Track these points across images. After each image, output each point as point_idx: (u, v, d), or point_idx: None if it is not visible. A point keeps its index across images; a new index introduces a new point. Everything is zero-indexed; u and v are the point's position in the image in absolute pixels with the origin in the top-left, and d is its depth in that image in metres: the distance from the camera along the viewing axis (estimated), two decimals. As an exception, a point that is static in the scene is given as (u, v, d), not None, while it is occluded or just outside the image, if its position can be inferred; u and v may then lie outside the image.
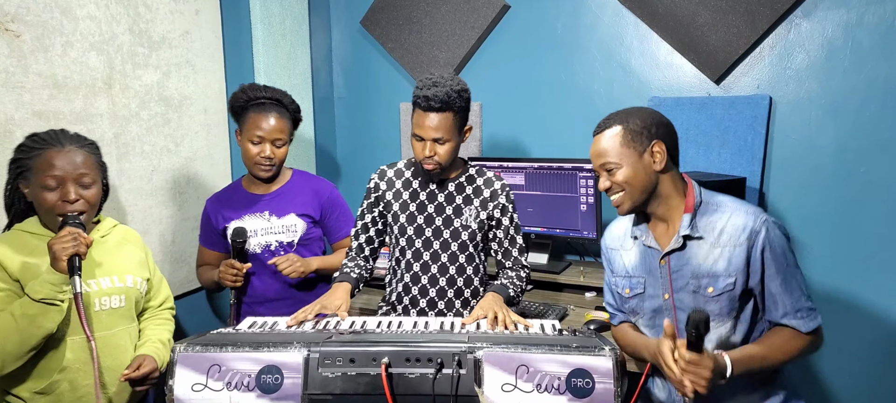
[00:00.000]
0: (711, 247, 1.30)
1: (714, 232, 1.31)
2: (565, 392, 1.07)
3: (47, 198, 1.36)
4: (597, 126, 1.39)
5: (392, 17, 2.70)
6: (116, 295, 1.48)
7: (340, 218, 2.02)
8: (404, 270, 1.70)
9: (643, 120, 1.33)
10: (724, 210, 1.32)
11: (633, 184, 1.32)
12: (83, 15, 1.80)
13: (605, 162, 1.34)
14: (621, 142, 1.33)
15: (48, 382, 1.38)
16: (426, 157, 1.57)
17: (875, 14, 1.95)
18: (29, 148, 1.38)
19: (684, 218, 1.33)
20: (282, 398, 1.10)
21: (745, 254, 1.27)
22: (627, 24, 2.32)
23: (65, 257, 1.27)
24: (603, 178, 1.36)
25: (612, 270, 1.51)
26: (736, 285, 1.28)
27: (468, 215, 1.67)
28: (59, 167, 1.36)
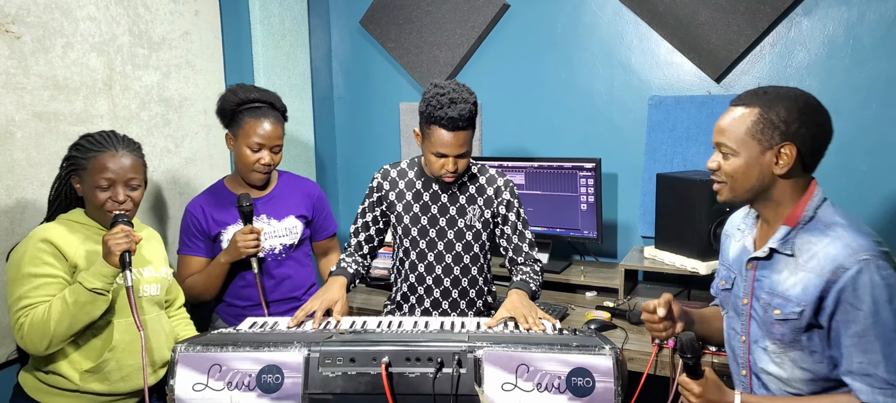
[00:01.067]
0: (795, 268, 1.15)
1: (806, 254, 1.14)
2: (565, 391, 1.07)
3: (99, 197, 1.47)
4: (738, 96, 1.21)
5: (392, 17, 2.70)
6: (155, 284, 1.60)
7: (327, 218, 2.02)
8: (408, 271, 1.70)
9: (788, 112, 1.13)
10: (830, 235, 1.12)
11: (738, 180, 1.18)
12: (83, 16, 1.80)
13: (721, 142, 1.19)
14: (748, 130, 1.15)
15: (98, 361, 1.47)
16: (450, 173, 1.57)
17: (876, 12, 1.95)
18: (86, 148, 1.49)
19: (780, 230, 1.18)
20: (282, 397, 1.10)
21: (820, 289, 1.10)
22: (627, 23, 2.32)
23: (119, 252, 1.37)
24: (714, 155, 1.22)
25: (721, 256, 1.41)
26: (802, 316, 1.12)
27: (472, 215, 1.66)
28: (111, 170, 1.47)
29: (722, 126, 1.20)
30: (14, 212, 1.68)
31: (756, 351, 1.25)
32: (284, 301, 1.92)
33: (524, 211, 1.74)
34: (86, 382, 1.47)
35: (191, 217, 1.86)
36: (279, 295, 1.91)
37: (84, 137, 1.52)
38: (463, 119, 1.48)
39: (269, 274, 1.89)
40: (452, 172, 1.56)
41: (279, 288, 1.91)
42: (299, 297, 1.94)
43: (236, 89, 1.82)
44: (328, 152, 2.96)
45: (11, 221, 1.68)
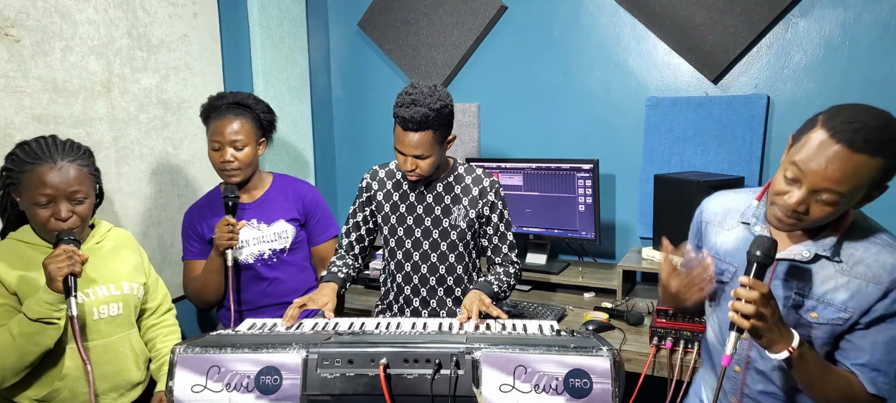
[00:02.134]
0: (838, 273, 1.11)
1: (851, 260, 1.11)
2: (563, 392, 1.07)
3: (40, 215, 1.34)
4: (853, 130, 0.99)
5: (389, 19, 2.70)
6: (114, 303, 1.49)
7: (322, 221, 2.00)
8: (396, 270, 1.72)
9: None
10: (876, 241, 1.10)
11: (829, 217, 1.06)
12: (82, 19, 1.81)
13: (830, 189, 1.01)
14: (867, 182, 1.01)
15: (49, 390, 1.40)
16: (408, 170, 1.57)
17: (872, 13, 1.96)
18: (21, 161, 1.34)
19: (829, 240, 1.12)
20: (281, 399, 1.10)
21: (875, 297, 1.07)
22: (625, 25, 2.33)
23: (60, 277, 1.25)
24: (802, 194, 1.04)
25: (701, 244, 1.34)
26: (846, 323, 1.10)
27: (457, 215, 1.67)
28: (50, 185, 1.33)
29: (840, 177, 1.00)
30: (13, 215, 1.68)
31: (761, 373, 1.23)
32: (277, 306, 1.91)
33: (519, 215, 1.74)
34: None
35: (187, 222, 1.89)
36: (271, 299, 1.91)
37: (20, 146, 1.37)
38: (415, 121, 1.47)
39: (259, 278, 1.88)
40: (411, 171, 1.56)
41: (270, 292, 1.90)
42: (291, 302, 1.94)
43: (211, 97, 1.85)
44: (326, 154, 2.97)
45: (10, 224, 1.68)
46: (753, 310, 1.03)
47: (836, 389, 1.11)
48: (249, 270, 1.88)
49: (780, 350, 1.06)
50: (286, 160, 2.61)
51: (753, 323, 1.03)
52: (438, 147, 1.56)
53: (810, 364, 1.09)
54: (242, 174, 1.81)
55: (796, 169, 1.05)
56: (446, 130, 1.58)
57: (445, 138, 1.59)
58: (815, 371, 1.10)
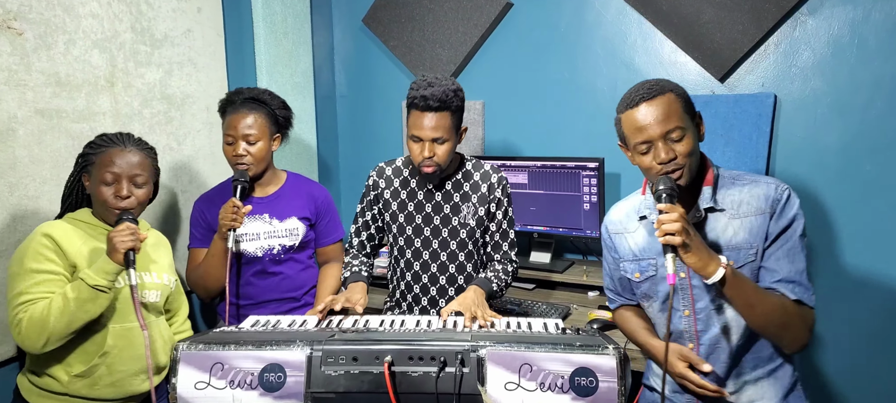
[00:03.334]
0: (730, 219, 1.28)
1: (734, 205, 1.29)
2: (569, 390, 1.06)
3: (104, 192, 1.47)
4: (639, 92, 1.27)
5: (394, 15, 2.69)
6: (155, 290, 1.58)
7: (331, 223, 2.01)
8: (405, 269, 1.70)
9: (682, 89, 1.29)
10: (743, 182, 1.30)
11: (692, 158, 1.25)
12: (85, 13, 1.80)
13: (670, 127, 1.23)
14: (683, 108, 1.25)
15: (88, 366, 1.46)
16: (425, 159, 1.55)
17: (882, 11, 1.94)
18: (97, 145, 1.50)
19: (705, 191, 1.30)
20: (285, 396, 1.09)
21: (765, 223, 1.25)
22: (631, 22, 2.31)
23: (123, 249, 1.37)
24: (660, 146, 1.24)
25: (617, 255, 1.47)
26: (757, 255, 1.26)
27: (466, 213, 1.66)
28: (117, 164, 1.47)
29: (664, 116, 1.23)
30: (16, 209, 1.68)
31: (709, 318, 1.32)
32: (281, 301, 1.92)
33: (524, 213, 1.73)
34: (74, 386, 1.45)
35: (197, 210, 1.92)
36: (275, 294, 1.91)
37: (100, 136, 1.53)
38: (435, 98, 1.49)
39: (265, 272, 1.89)
40: (429, 158, 1.54)
41: (274, 287, 1.91)
42: (298, 298, 1.94)
43: (228, 93, 1.88)
44: (330, 151, 2.96)
45: (13, 218, 1.68)
46: (679, 226, 1.14)
47: (771, 304, 1.21)
48: (257, 263, 1.88)
49: (714, 270, 1.17)
50: (290, 156, 2.60)
51: (682, 238, 1.14)
52: (454, 133, 1.57)
53: (742, 280, 1.21)
54: (255, 168, 1.82)
55: (641, 140, 1.26)
56: (460, 117, 1.59)
57: (459, 126, 1.60)
58: (748, 289, 1.21)
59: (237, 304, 1.92)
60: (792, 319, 1.23)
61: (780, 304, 1.22)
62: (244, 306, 1.91)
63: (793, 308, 1.23)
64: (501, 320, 1.40)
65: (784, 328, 1.23)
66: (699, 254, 1.17)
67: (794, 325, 1.23)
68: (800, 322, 1.24)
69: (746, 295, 1.20)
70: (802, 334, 1.25)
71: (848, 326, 2.08)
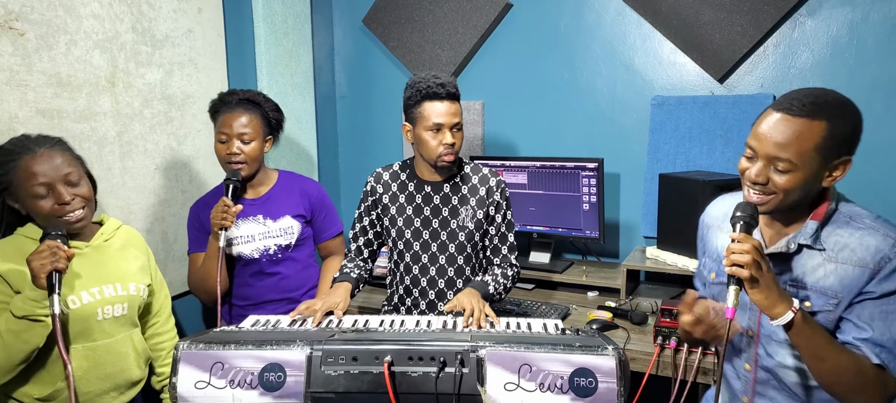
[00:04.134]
0: (826, 260, 1.14)
1: (836, 248, 1.14)
2: (568, 391, 1.06)
3: (42, 206, 1.33)
4: (792, 100, 1.09)
5: (394, 16, 2.70)
6: (119, 304, 1.48)
7: (328, 218, 2.01)
8: (404, 273, 1.70)
9: (853, 127, 1.10)
10: (858, 226, 1.14)
11: (792, 194, 1.10)
12: (87, 13, 1.80)
13: (781, 156, 1.08)
14: (817, 147, 1.07)
15: (52, 389, 1.39)
16: (448, 147, 1.59)
17: (880, 12, 1.95)
18: (2, 163, 1.33)
19: (809, 224, 1.15)
20: (285, 396, 1.10)
21: (864, 279, 1.10)
22: (630, 23, 2.31)
23: (43, 274, 1.22)
24: (759, 166, 1.11)
25: (704, 247, 1.38)
26: (837, 307, 1.13)
27: (465, 216, 1.66)
28: (41, 173, 1.32)
29: (783, 140, 1.07)
30: (17, 209, 1.68)
31: (769, 345, 1.22)
32: (280, 301, 1.92)
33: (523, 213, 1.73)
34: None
35: (193, 215, 1.91)
36: (275, 295, 1.91)
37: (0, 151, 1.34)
38: (452, 85, 1.58)
39: (263, 273, 1.89)
40: (450, 146, 1.58)
41: (273, 288, 1.91)
42: (296, 298, 1.94)
43: (221, 93, 1.88)
44: (330, 151, 2.96)
45: (14, 218, 1.68)
46: (748, 259, 1.05)
47: (843, 361, 1.09)
48: (254, 265, 1.88)
49: (781, 312, 1.07)
50: (289, 157, 2.60)
51: (751, 271, 1.05)
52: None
53: (815, 329, 1.09)
54: (248, 168, 1.82)
55: (750, 143, 1.13)
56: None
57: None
58: (820, 340, 1.09)
59: (235, 305, 1.92)
60: (866, 383, 1.09)
61: (856, 364, 1.09)
62: (243, 307, 1.91)
63: (871, 372, 1.09)
64: (499, 321, 1.40)
65: (854, 390, 1.10)
66: (767, 293, 1.07)
67: (868, 390, 1.10)
68: (878, 388, 1.10)
69: (815, 346, 1.09)
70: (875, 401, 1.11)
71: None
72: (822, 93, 1.11)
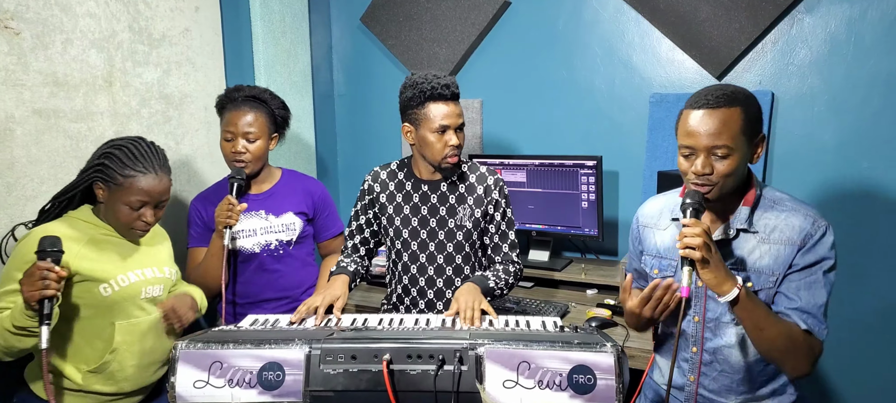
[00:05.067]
0: (760, 243, 1.27)
1: (766, 229, 1.27)
2: (567, 388, 1.06)
3: (127, 215, 1.45)
4: (706, 97, 1.23)
5: (392, 14, 2.69)
6: (158, 285, 1.58)
7: (329, 217, 2.02)
8: (402, 272, 1.70)
9: (757, 107, 1.24)
10: (782, 209, 1.27)
11: (731, 178, 1.23)
12: (83, 12, 1.80)
13: (717, 144, 1.20)
14: (742, 128, 1.20)
15: (100, 362, 1.47)
16: (453, 148, 1.58)
17: (878, 9, 1.94)
18: (122, 163, 1.42)
19: (741, 211, 1.29)
20: (284, 394, 1.10)
21: (793, 254, 1.23)
22: (628, 20, 2.31)
23: (34, 300, 1.24)
24: (702, 160, 1.22)
25: (642, 247, 1.47)
26: (776, 283, 1.25)
27: (462, 214, 1.65)
28: (150, 193, 1.45)
29: (715, 130, 1.20)
30: (14, 209, 1.68)
31: (718, 328, 1.32)
32: (279, 299, 1.92)
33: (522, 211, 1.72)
34: (89, 382, 1.47)
35: (194, 210, 1.92)
36: (273, 292, 1.91)
37: (117, 147, 1.45)
38: (455, 85, 1.58)
39: (263, 269, 1.89)
40: (456, 147, 1.58)
41: (272, 285, 1.91)
42: (297, 297, 1.94)
43: (228, 89, 1.88)
44: (329, 150, 2.96)
45: (11, 218, 1.67)
46: (700, 242, 1.15)
47: (779, 330, 1.21)
48: (255, 260, 1.88)
49: (728, 289, 1.17)
50: (288, 155, 2.60)
51: (702, 253, 1.15)
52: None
53: (756, 303, 1.21)
54: (252, 166, 1.83)
55: (686, 143, 1.24)
56: None
57: None
58: (760, 312, 1.20)
59: (235, 302, 1.92)
60: (797, 347, 1.22)
61: (788, 331, 1.21)
62: (242, 304, 1.91)
63: (801, 337, 1.21)
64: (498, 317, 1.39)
65: (787, 354, 1.22)
66: (716, 272, 1.17)
67: (799, 354, 1.22)
68: (805, 351, 1.22)
69: (756, 317, 1.20)
70: (804, 363, 1.23)
71: (844, 324, 2.09)
72: (725, 85, 1.26)
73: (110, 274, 1.46)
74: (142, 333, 1.52)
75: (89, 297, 1.44)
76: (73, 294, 1.43)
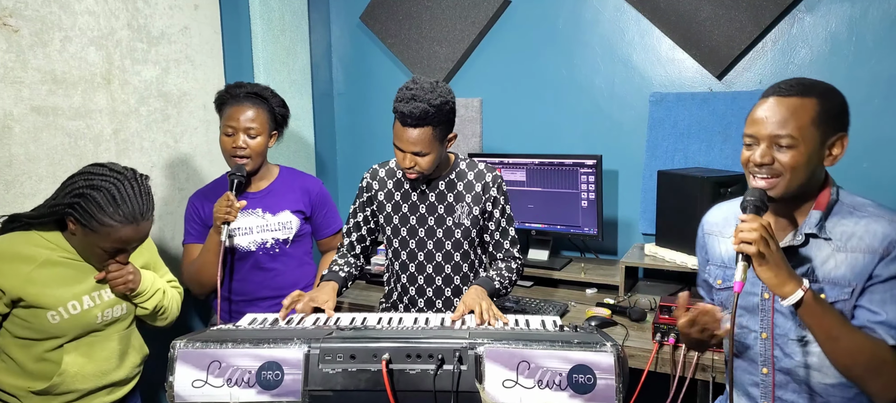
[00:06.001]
0: (835, 251, 1.15)
1: (843, 237, 1.15)
2: (567, 388, 1.06)
3: (98, 255, 1.40)
4: (781, 85, 1.15)
5: (392, 13, 2.68)
6: (119, 305, 1.52)
7: (329, 215, 2.01)
8: (400, 270, 1.70)
9: (842, 103, 1.15)
10: (862, 214, 1.16)
11: (798, 172, 1.12)
12: (82, 10, 1.79)
13: (781, 133, 1.11)
14: (813, 120, 1.11)
15: (48, 384, 1.42)
16: (407, 168, 1.55)
17: (879, 8, 1.94)
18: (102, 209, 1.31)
19: (812, 215, 1.17)
20: (282, 394, 1.09)
21: (873, 265, 1.11)
22: (629, 19, 2.31)
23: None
24: (762, 149, 1.14)
25: (706, 256, 1.38)
26: (853, 295, 1.13)
27: (460, 212, 1.65)
28: (125, 241, 1.38)
29: (781, 118, 1.11)
30: (12, 207, 1.67)
31: (787, 345, 1.21)
32: (275, 298, 1.91)
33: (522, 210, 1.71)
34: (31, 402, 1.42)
35: (192, 206, 1.91)
36: (269, 291, 1.91)
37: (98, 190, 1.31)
38: (413, 117, 1.45)
39: (259, 267, 1.89)
40: (409, 168, 1.53)
41: (268, 284, 1.90)
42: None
43: (228, 85, 1.87)
44: (328, 148, 2.95)
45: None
46: (756, 236, 1.07)
47: (859, 342, 1.09)
48: (250, 258, 1.87)
49: (791, 290, 1.08)
50: (287, 154, 2.59)
51: (758, 247, 1.07)
52: (438, 144, 1.53)
53: (826, 308, 1.09)
54: (252, 163, 1.83)
55: (748, 131, 1.17)
56: (447, 128, 1.54)
57: (446, 136, 1.56)
58: (832, 319, 1.09)
59: (231, 299, 1.92)
60: (884, 365, 1.09)
61: (872, 345, 1.09)
62: (238, 302, 1.91)
63: (888, 354, 1.09)
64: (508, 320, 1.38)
65: (871, 372, 1.09)
66: (776, 270, 1.08)
67: (888, 373, 1.09)
68: (894, 369, 1.09)
69: (828, 325, 1.08)
70: (894, 384, 1.10)
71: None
72: (805, 78, 1.17)
73: (60, 301, 1.38)
74: (94, 355, 1.47)
75: (36, 322, 1.37)
76: (20, 316, 1.37)
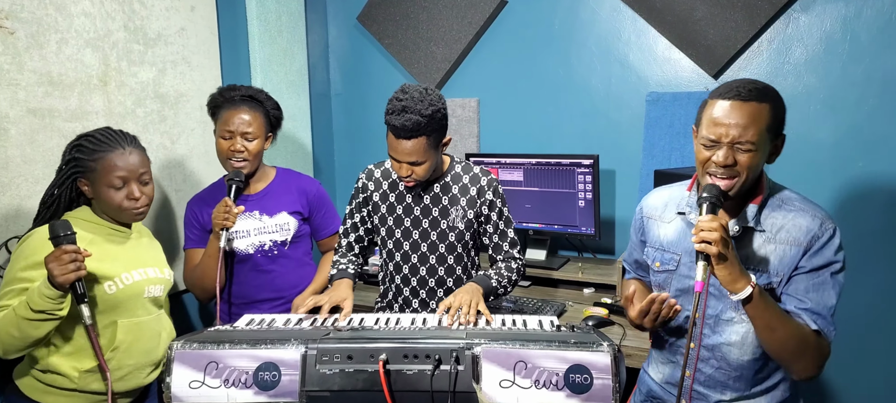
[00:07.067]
0: (766, 242, 1.25)
1: (773, 228, 1.25)
2: (563, 387, 1.07)
3: (114, 197, 1.46)
4: (738, 88, 1.20)
5: (389, 13, 2.69)
6: (159, 285, 1.58)
7: (327, 215, 2.01)
8: (394, 271, 1.70)
9: (783, 106, 1.23)
10: (790, 208, 1.25)
11: (752, 172, 1.20)
12: (78, 12, 1.79)
13: (743, 139, 1.17)
14: (768, 126, 1.18)
15: (95, 363, 1.45)
16: (404, 177, 1.55)
17: (873, 8, 1.95)
18: (89, 150, 1.45)
19: (750, 208, 1.26)
20: (279, 394, 1.09)
21: (798, 255, 1.22)
22: (625, 19, 2.31)
23: (66, 283, 1.28)
24: (725, 151, 1.19)
25: (644, 239, 1.46)
26: (780, 283, 1.24)
27: (455, 216, 1.65)
28: (123, 167, 1.46)
29: (743, 123, 1.17)
30: (8, 209, 1.67)
31: (718, 325, 1.31)
32: (274, 300, 1.91)
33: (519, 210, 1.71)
34: (85, 381, 1.46)
35: (190, 211, 1.91)
36: (268, 293, 1.91)
37: (84, 138, 1.48)
38: (406, 129, 1.44)
39: (258, 270, 1.89)
40: (405, 177, 1.54)
41: (267, 285, 1.90)
42: (292, 297, 1.93)
43: (221, 88, 1.88)
44: (325, 149, 2.95)
45: (6, 219, 1.67)
46: (717, 236, 1.12)
47: (791, 331, 1.19)
48: (249, 261, 1.87)
49: (742, 287, 1.15)
50: (285, 155, 2.59)
51: (719, 248, 1.12)
52: (433, 151, 1.53)
53: (768, 303, 1.18)
54: (249, 165, 1.83)
55: (711, 133, 1.21)
56: (440, 134, 1.54)
57: (440, 142, 1.56)
58: (773, 312, 1.19)
59: (231, 302, 1.92)
60: (808, 348, 1.20)
61: (800, 332, 1.19)
62: (238, 305, 1.91)
63: (812, 338, 1.20)
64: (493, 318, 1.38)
65: (797, 355, 1.21)
66: (732, 269, 1.15)
67: (809, 355, 1.21)
68: (815, 353, 1.21)
69: (769, 317, 1.18)
70: (813, 365, 1.23)
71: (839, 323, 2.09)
72: (755, 80, 1.23)
73: (114, 272, 1.46)
74: (143, 333, 1.52)
75: (94, 295, 1.44)
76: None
